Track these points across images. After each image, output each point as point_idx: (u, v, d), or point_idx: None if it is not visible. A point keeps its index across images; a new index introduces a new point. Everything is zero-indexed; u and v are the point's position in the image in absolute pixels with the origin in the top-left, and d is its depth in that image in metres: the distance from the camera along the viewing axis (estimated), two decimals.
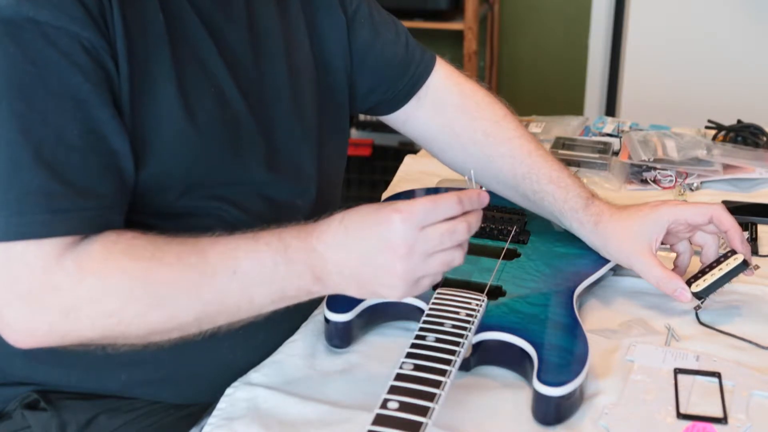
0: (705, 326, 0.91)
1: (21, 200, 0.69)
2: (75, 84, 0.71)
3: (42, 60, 0.70)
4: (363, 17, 1.02)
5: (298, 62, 0.93)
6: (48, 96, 0.70)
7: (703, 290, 0.91)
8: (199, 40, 0.81)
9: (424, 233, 0.71)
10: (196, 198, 0.83)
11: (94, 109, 0.72)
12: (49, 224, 0.70)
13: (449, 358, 0.72)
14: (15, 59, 0.69)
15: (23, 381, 0.89)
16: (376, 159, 2.68)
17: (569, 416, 0.77)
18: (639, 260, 0.93)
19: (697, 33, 2.58)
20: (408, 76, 1.05)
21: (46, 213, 0.70)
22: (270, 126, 0.89)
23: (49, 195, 0.70)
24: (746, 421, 0.76)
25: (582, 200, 0.99)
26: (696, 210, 0.94)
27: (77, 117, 0.72)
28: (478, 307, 0.82)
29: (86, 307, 0.71)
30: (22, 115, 0.70)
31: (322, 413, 0.79)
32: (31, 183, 0.69)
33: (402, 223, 0.70)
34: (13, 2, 0.69)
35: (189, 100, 0.79)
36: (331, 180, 1.02)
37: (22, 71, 0.70)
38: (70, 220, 0.71)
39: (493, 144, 1.04)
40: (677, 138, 1.41)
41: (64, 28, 0.71)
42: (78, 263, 0.70)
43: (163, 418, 0.90)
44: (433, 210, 0.72)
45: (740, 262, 0.92)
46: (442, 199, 0.72)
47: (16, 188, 0.69)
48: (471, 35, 2.58)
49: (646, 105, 2.68)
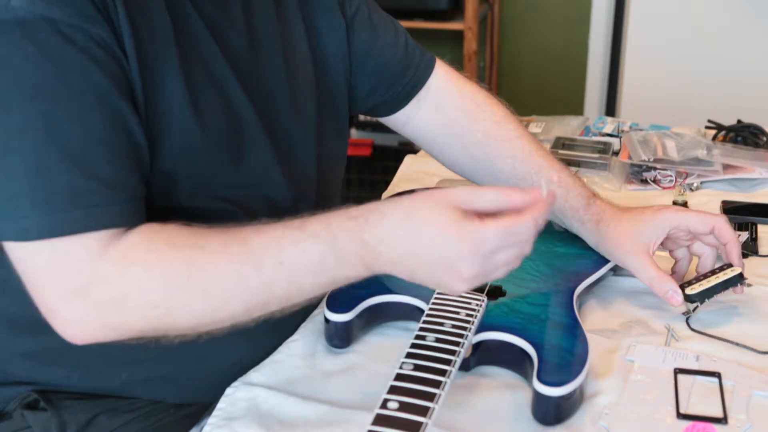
0: (696, 332, 0.90)
1: (53, 199, 0.69)
2: (96, 79, 0.71)
3: (61, 57, 0.70)
4: (363, 19, 1.02)
5: (296, 65, 0.93)
6: (71, 93, 0.70)
7: (697, 294, 0.91)
8: (204, 42, 0.82)
9: (493, 258, 0.68)
10: (200, 199, 0.83)
11: (117, 103, 0.73)
12: (83, 220, 0.70)
13: (449, 358, 0.72)
14: (35, 59, 0.69)
15: (23, 381, 0.89)
16: (376, 159, 2.68)
17: (569, 416, 0.77)
18: (634, 259, 0.93)
19: (697, 33, 2.58)
20: (408, 78, 1.05)
21: (77, 210, 0.70)
22: (271, 128, 0.89)
23: (80, 192, 0.70)
24: (746, 421, 0.76)
25: (583, 199, 0.99)
26: (699, 218, 0.94)
27: (102, 111, 0.72)
28: (478, 307, 0.82)
29: (133, 297, 0.71)
30: (46, 114, 0.70)
31: (322, 413, 0.79)
32: (60, 181, 0.69)
33: (470, 255, 0.67)
34: (26, 2, 0.69)
35: (196, 100, 0.79)
36: (331, 182, 1.02)
37: (42, 70, 0.70)
38: (104, 214, 0.71)
39: (493, 144, 1.04)
40: (677, 138, 1.41)
41: (78, 26, 0.71)
42: (122, 253, 0.71)
43: (163, 417, 0.90)
44: (506, 238, 0.67)
45: (737, 274, 0.92)
46: (518, 224, 0.67)
47: (48, 187, 0.69)
48: (471, 35, 2.58)
49: (646, 105, 2.68)
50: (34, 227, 0.69)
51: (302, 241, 0.71)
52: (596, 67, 2.83)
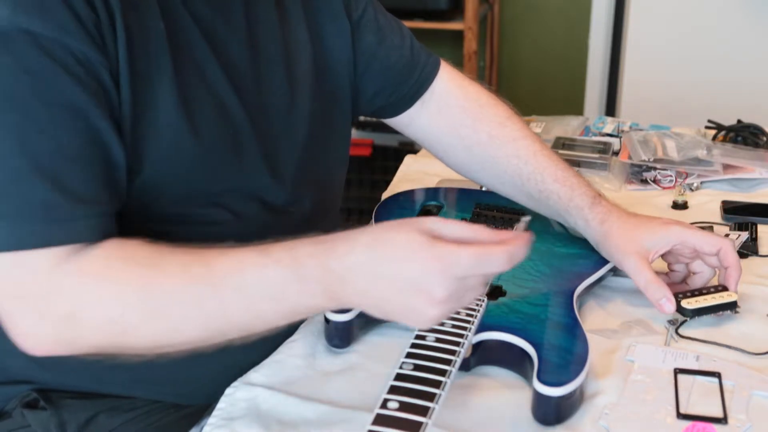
0: (686, 338, 0.90)
1: (20, 211, 0.69)
2: (72, 93, 0.71)
3: (37, 70, 0.69)
4: (369, 21, 1.02)
5: (298, 69, 0.93)
6: (45, 106, 0.70)
7: (691, 310, 0.91)
8: (198, 49, 0.81)
9: (464, 282, 0.65)
10: (192, 205, 0.83)
11: (93, 118, 0.72)
12: (48, 234, 0.69)
13: (449, 358, 0.72)
14: (9, 69, 0.69)
15: (23, 380, 0.89)
16: (376, 159, 2.68)
17: (569, 416, 0.77)
18: (632, 261, 0.93)
19: (697, 33, 2.58)
20: (413, 80, 1.05)
21: (45, 223, 0.69)
22: (268, 133, 0.88)
23: (48, 205, 0.69)
24: (746, 421, 0.76)
25: (588, 198, 0.99)
26: (707, 240, 0.94)
27: (76, 126, 0.71)
28: (478, 307, 0.82)
29: (87, 312, 0.70)
30: (18, 125, 0.69)
31: (322, 413, 0.79)
32: (29, 194, 0.69)
33: (442, 276, 0.64)
34: (7, 14, 0.69)
35: (189, 109, 0.79)
36: (332, 185, 1.02)
37: (16, 81, 0.69)
38: (70, 229, 0.70)
39: (498, 145, 1.04)
40: (677, 138, 1.41)
41: (58, 40, 0.70)
42: (79, 267, 0.70)
43: (163, 417, 0.90)
44: (479, 266, 0.64)
45: (732, 301, 0.92)
46: (491, 255, 0.64)
47: (16, 199, 0.69)
48: (471, 35, 2.58)
49: (646, 105, 2.68)
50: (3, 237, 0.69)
51: (265, 265, 0.68)
52: (596, 67, 2.83)
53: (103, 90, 0.73)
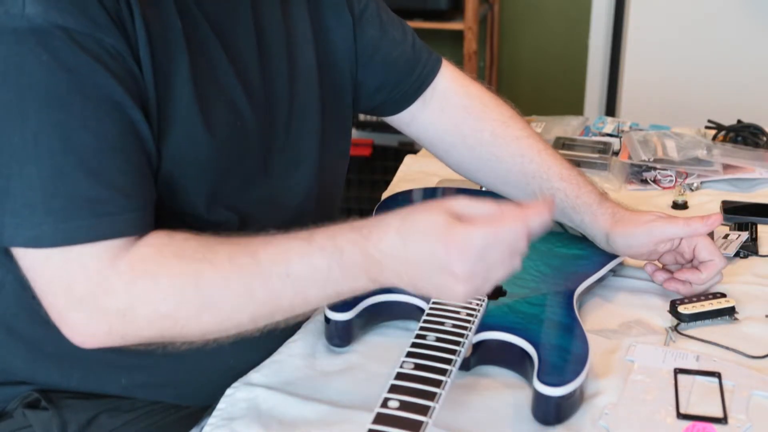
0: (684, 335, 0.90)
1: (67, 207, 0.69)
2: (109, 87, 0.72)
3: (75, 66, 0.70)
4: (371, 16, 1.02)
5: (301, 64, 0.93)
6: (86, 101, 0.70)
7: (689, 315, 0.91)
8: (211, 47, 0.82)
9: (485, 258, 0.67)
10: (204, 203, 0.83)
11: (129, 111, 0.73)
12: (96, 228, 0.70)
13: (450, 357, 0.72)
14: (49, 67, 0.69)
15: (24, 380, 0.89)
16: (376, 159, 2.68)
17: (569, 416, 0.77)
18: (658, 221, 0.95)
19: (698, 33, 2.58)
20: (414, 77, 1.05)
21: (93, 217, 0.70)
22: (273, 130, 0.89)
23: (94, 200, 0.70)
24: (746, 421, 0.76)
25: (595, 196, 1.00)
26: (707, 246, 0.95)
27: (116, 119, 0.72)
28: (478, 307, 0.82)
29: (141, 309, 0.71)
30: (61, 122, 0.70)
31: (322, 413, 0.79)
32: (75, 189, 0.70)
33: (459, 255, 0.67)
34: (41, 11, 0.69)
35: (204, 105, 0.80)
36: (333, 182, 1.02)
37: (56, 78, 0.70)
38: (117, 222, 0.71)
39: (501, 144, 1.04)
40: (677, 138, 1.41)
41: (91, 35, 0.71)
42: (131, 265, 0.71)
43: (163, 418, 0.90)
44: (495, 241, 0.67)
45: (730, 306, 0.92)
46: (503, 228, 0.67)
47: (62, 195, 0.69)
48: (471, 35, 2.58)
49: (646, 105, 2.68)
50: (48, 234, 0.69)
51: (309, 254, 0.72)
52: (596, 67, 2.83)
53: (135, 83, 0.74)
